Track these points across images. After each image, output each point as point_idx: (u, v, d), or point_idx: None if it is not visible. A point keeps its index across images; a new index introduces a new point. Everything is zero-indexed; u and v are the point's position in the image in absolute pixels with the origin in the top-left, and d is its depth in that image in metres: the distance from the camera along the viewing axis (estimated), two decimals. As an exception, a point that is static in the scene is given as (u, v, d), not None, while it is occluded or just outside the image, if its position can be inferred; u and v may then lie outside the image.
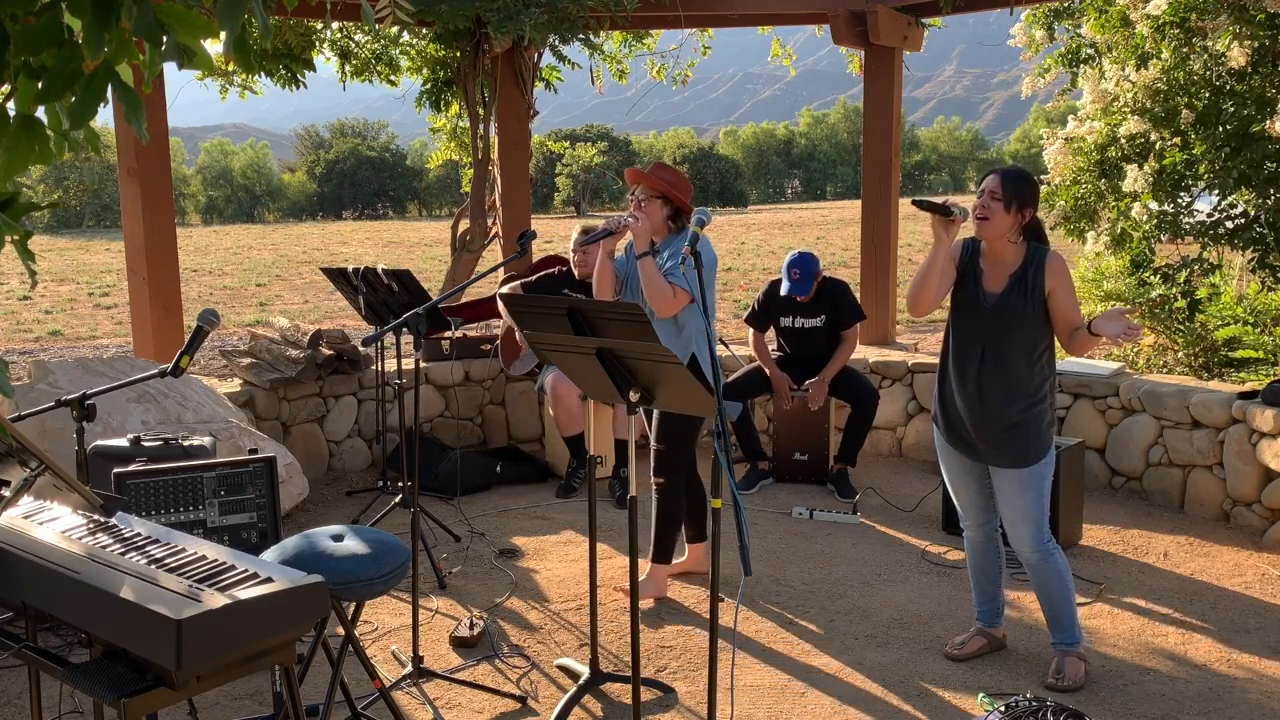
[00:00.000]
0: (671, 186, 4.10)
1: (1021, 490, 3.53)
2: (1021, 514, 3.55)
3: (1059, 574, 3.58)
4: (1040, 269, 3.43)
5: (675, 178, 4.17)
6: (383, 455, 6.15)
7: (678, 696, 3.57)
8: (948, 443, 3.69)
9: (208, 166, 69.17)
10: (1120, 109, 6.82)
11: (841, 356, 5.86)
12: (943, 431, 3.69)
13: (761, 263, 20.53)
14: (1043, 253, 3.46)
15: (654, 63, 8.56)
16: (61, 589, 2.08)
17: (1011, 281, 3.46)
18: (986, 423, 3.52)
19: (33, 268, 1.62)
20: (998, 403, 3.49)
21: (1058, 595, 3.60)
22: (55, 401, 3.20)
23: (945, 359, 3.65)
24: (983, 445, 3.57)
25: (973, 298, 3.52)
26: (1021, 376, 3.48)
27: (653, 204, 4.10)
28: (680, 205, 4.14)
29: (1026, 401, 3.48)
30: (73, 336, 12.57)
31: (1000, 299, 3.47)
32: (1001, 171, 3.48)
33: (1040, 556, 3.57)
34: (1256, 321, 6.03)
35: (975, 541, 3.80)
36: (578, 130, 64.17)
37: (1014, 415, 3.48)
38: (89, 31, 1.32)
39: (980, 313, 3.50)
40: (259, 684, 3.58)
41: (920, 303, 3.49)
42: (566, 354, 2.95)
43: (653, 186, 4.10)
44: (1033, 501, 3.53)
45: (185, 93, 75.53)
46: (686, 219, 4.16)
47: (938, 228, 3.40)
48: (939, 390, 3.69)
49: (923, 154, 79.60)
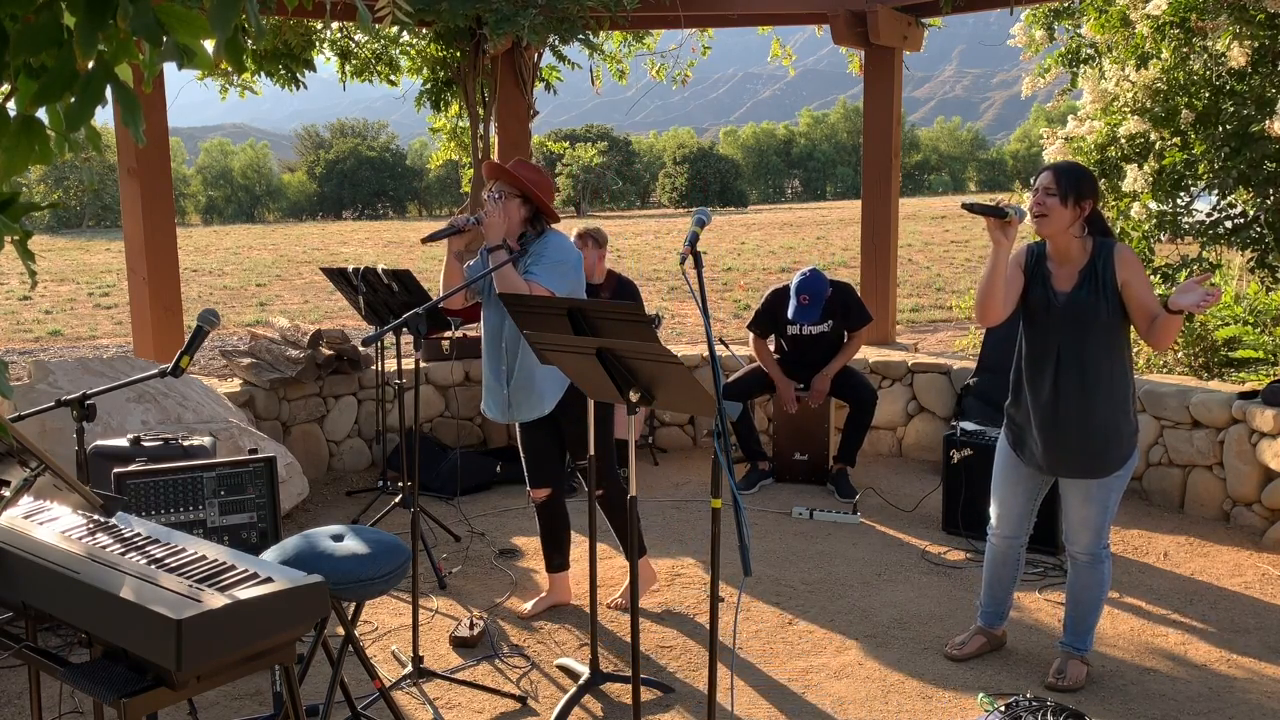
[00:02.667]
0: (534, 185, 3.84)
1: (1088, 501, 3.43)
2: (1084, 522, 3.46)
3: (1100, 582, 3.52)
4: (1110, 262, 3.31)
5: (536, 176, 3.90)
6: (383, 455, 6.15)
7: (678, 696, 3.57)
8: (1012, 448, 3.56)
9: (208, 166, 69.20)
10: (1120, 109, 6.82)
11: (847, 354, 5.85)
12: (1009, 436, 3.57)
13: (761, 263, 20.53)
14: (1110, 245, 3.34)
15: (654, 63, 8.56)
16: (61, 589, 2.08)
17: (1081, 278, 3.34)
18: (1063, 432, 3.39)
19: (33, 268, 1.62)
20: (1076, 408, 3.36)
21: (1090, 600, 3.54)
22: (55, 401, 3.20)
23: (1019, 367, 3.51)
24: (1057, 455, 3.42)
25: (1043, 299, 3.39)
26: (1101, 379, 3.34)
27: (511, 202, 3.83)
28: (541, 206, 3.87)
29: (1106, 405, 3.35)
30: (73, 336, 12.57)
31: (1071, 297, 3.34)
32: (1054, 166, 3.35)
33: (1090, 561, 3.50)
34: (1256, 321, 6.03)
35: (1000, 551, 3.70)
36: (578, 130, 64.22)
37: (1093, 423, 3.35)
38: (82, 31, 1.32)
39: (1052, 313, 3.37)
40: (259, 684, 3.57)
41: (989, 312, 3.35)
42: (566, 354, 2.95)
43: (511, 183, 3.84)
44: (1099, 512, 3.43)
45: (185, 93, 75.62)
46: (546, 222, 3.92)
47: (994, 231, 3.26)
48: (1012, 400, 3.55)
49: (923, 154, 79.61)
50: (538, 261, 3.82)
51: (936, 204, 45.79)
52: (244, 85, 7.56)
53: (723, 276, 18.05)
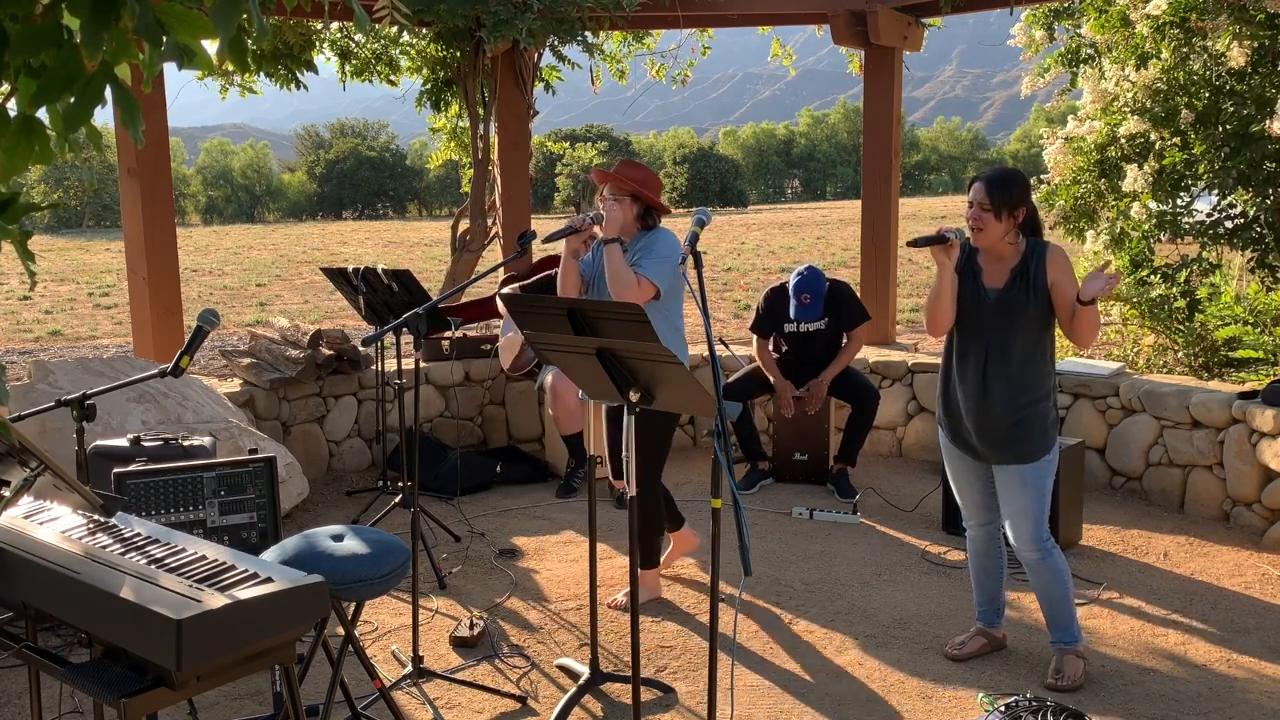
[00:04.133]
0: (640, 184, 4.01)
1: (1023, 487, 3.53)
2: (1022, 511, 3.55)
3: (1057, 573, 3.59)
4: (1041, 262, 3.45)
5: (643, 175, 4.07)
6: (383, 455, 6.15)
7: (678, 696, 3.57)
8: (951, 442, 3.70)
9: (208, 166, 69.18)
10: (1120, 109, 6.82)
11: (845, 357, 5.86)
12: (946, 431, 3.70)
13: (761, 262, 20.53)
14: (1043, 246, 3.48)
15: (654, 63, 8.56)
16: (61, 589, 2.08)
17: (1013, 276, 3.47)
18: (990, 420, 3.53)
19: (32, 268, 1.62)
20: (1001, 399, 3.50)
21: (1056, 594, 3.61)
22: (55, 401, 3.20)
23: (948, 358, 3.66)
24: (986, 443, 3.57)
25: (973, 295, 3.52)
26: (1025, 372, 3.49)
27: (623, 203, 4.01)
28: (650, 203, 4.05)
29: (1030, 398, 3.49)
30: (73, 336, 12.57)
31: (1002, 294, 3.48)
32: (986, 179, 3.45)
33: (1039, 555, 3.58)
34: (1256, 321, 6.03)
35: (977, 541, 3.80)
36: (578, 130, 64.17)
37: (1018, 412, 3.49)
38: (87, 32, 1.32)
39: (982, 309, 3.51)
40: (259, 684, 3.58)
41: (939, 323, 3.54)
42: (566, 354, 2.95)
43: (621, 185, 4.01)
44: (1033, 499, 3.53)
45: (185, 93, 75.65)
46: (656, 217, 4.10)
47: (939, 255, 3.44)
48: (942, 389, 3.70)
49: (923, 154, 79.59)
50: (647, 255, 3.99)
51: (936, 204, 45.78)
52: (244, 85, 7.56)
53: (723, 276, 18.05)
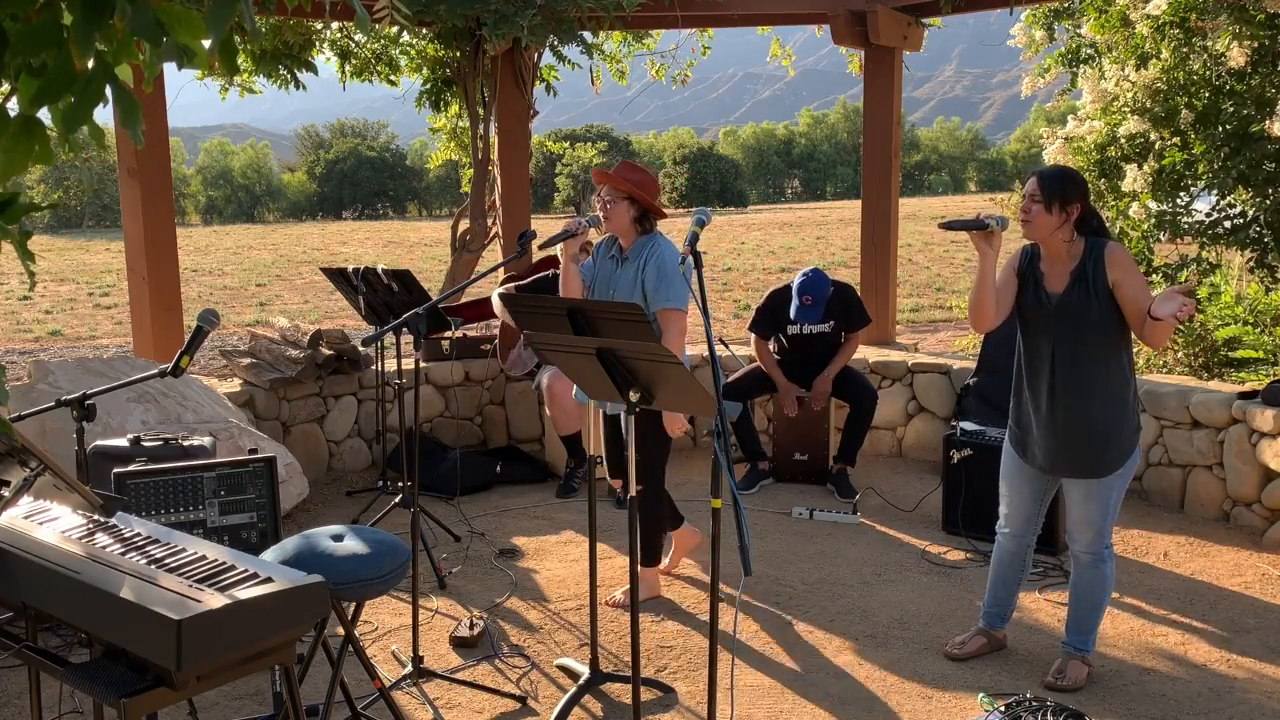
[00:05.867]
0: (638, 187, 3.99)
1: (1088, 499, 3.44)
2: (1084, 520, 3.47)
3: (1103, 582, 3.53)
4: (1100, 261, 3.33)
5: (642, 177, 4.05)
6: (383, 455, 6.15)
7: (678, 696, 3.57)
8: (1015, 449, 3.60)
9: (208, 166, 69.12)
10: (1120, 109, 6.82)
11: (844, 356, 5.86)
12: (1013, 440, 3.60)
13: (761, 263, 20.53)
14: (1101, 245, 3.35)
15: (654, 63, 8.56)
16: (61, 589, 2.08)
17: (1073, 279, 3.36)
18: (1061, 431, 3.41)
19: (32, 268, 1.62)
20: (1073, 408, 3.38)
21: (1092, 601, 3.55)
22: (55, 401, 3.20)
23: (1018, 369, 3.54)
24: (1057, 455, 3.45)
25: (1035, 301, 3.43)
26: (1097, 379, 3.36)
27: (619, 205, 4.00)
28: (647, 206, 4.02)
29: (1103, 405, 3.37)
30: (73, 336, 12.57)
31: (1063, 298, 3.37)
32: (1040, 172, 3.39)
33: (1092, 561, 3.52)
34: (1256, 321, 6.03)
35: (1007, 551, 3.72)
36: (578, 130, 64.15)
37: (1092, 420, 3.37)
38: (78, 30, 1.31)
39: (1044, 315, 3.41)
40: (259, 684, 3.58)
41: (982, 319, 3.43)
42: (566, 354, 2.95)
43: (619, 187, 3.99)
44: (1098, 511, 3.44)
45: (185, 93, 75.51)
46: (654, 220, 4.08)
47: (979, 242, 3.33)
48: (1014, 402, 3.58)
49: (923, 154, 79.53)
50: (660, 281, 3.94)
51: (936, 204, 45.77)
52: (244, 85, 7.56)
53: (723, 276, 18.05)
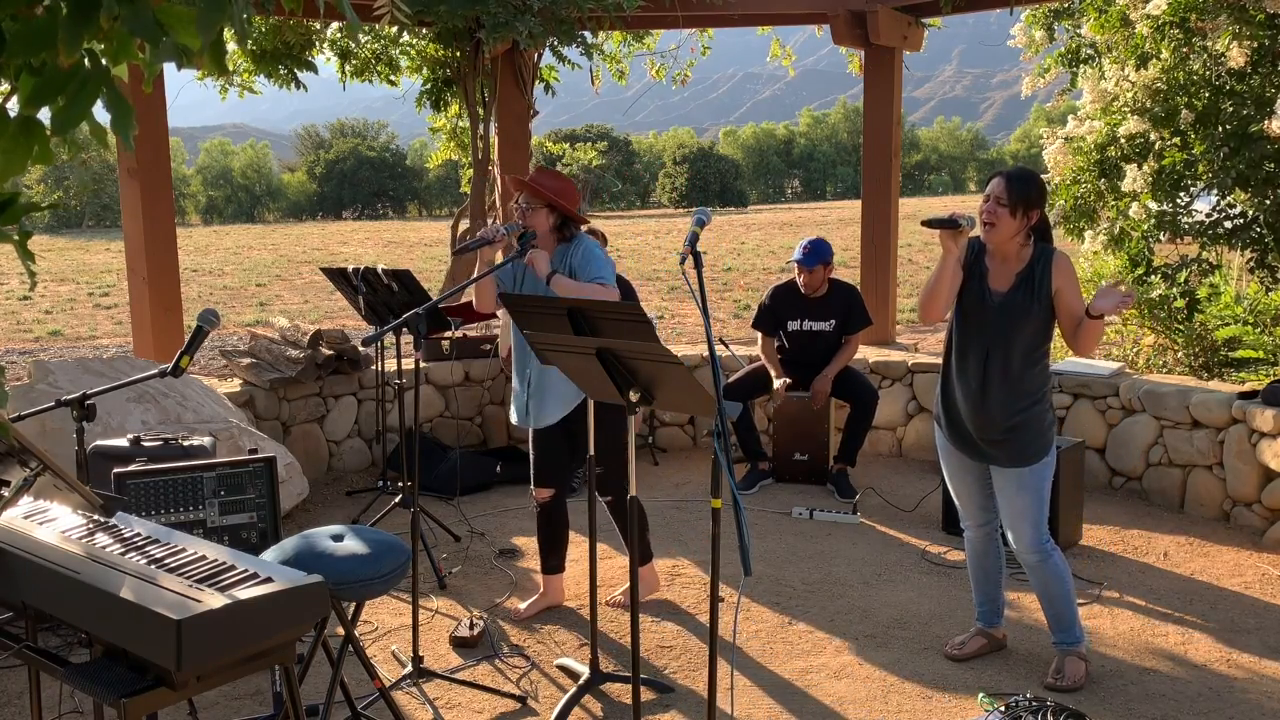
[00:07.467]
0: (557, 194, 3.91)
1: (1021, 490, 3.53)
2: (1021, 513, 3.55)
3: (1058, 574, 3.59)
4: (1048, 268, 3.44)
5: (560, 185, 3.96)
6: (383, 455, 6.15)
7: (678, 696, 3.57)
8: (949, 442, 3.69)
9: (208, 166, 69.09)
10: (1120, 109, 6.82)
11: (844, 357, 5.87)
12: (944, 431, 3.70)
13: (761, 263, 20.52)
14: (1050, 252, 3.47)
15: (654, 63, 8.56)
16: (62, 589, 2.08)
17: (1018, 280, 3.47)
18: (988, 421, 3.52)
19: (32, 268, 1.61)
20: (1000, 401, 3.50)
21: (1057, 595, 3.60)
22: (55, 401, 3.20)
23: (948, 357, 3.65)
24: (984, 444, 3.57)
25: (978, 296, 3.52)
26: (1024, 375, 3.49)
27: (538, 213, 3.90)
28: (567, 214, 3.94)
29: (1028, 400, 3.49)
30: (73, 336, 12.57)
31: (1006, 297, 3.47)
32: (1006, 175, 3.44)
33: (1039, 557, 3.57)
34: (1256, 321, 6.03)
35: (975, 542, 3.80)
36: (578, 130, 64.09)
37: (1016, 414, 3.49)
38: (65, 29, 1.31)
39: (986, 311, 3.50)
40: (259, 684, 3.58)
41: (932, 310, 3.51)
42: (566, 354, 2.95)
43: (537, 195, 3.90)
44: (1032, 501, 3.53)
45: (185, 93, 75.51)
46: (575, 228, 3.99)
47: (946, 240, 3.40)
48: (941, 389, 3.69)
49: (923, 154, 79.54)
50: (588, 263, 3.90)
51: (936, 204, 45.73)
52: (244, 85, 7.57)
53: (723, 276, 18.05)
